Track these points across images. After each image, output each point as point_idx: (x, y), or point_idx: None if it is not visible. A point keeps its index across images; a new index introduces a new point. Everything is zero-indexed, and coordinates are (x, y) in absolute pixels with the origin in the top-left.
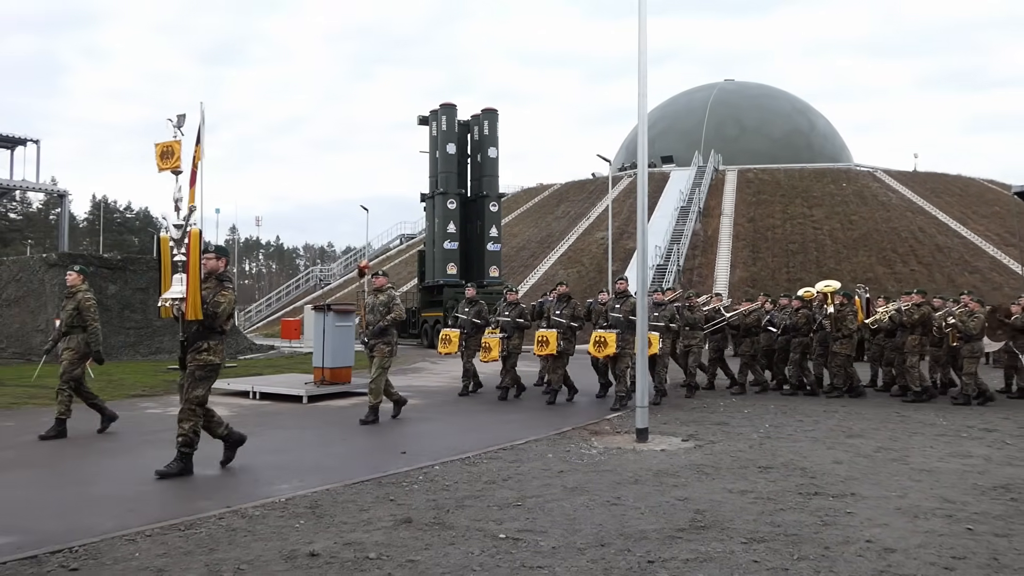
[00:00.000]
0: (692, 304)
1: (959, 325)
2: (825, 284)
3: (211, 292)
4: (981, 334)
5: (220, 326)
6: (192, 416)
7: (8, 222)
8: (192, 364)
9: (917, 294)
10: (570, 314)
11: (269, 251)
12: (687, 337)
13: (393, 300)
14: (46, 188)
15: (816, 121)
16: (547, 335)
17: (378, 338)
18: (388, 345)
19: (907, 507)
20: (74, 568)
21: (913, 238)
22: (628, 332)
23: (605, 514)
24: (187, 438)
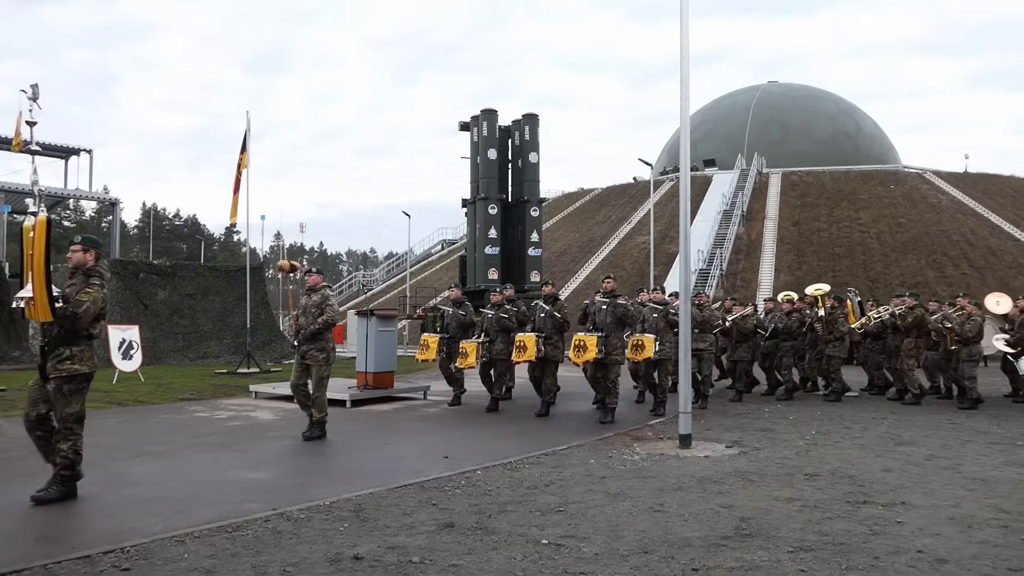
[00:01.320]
0: (701, 303)
1: (956, 328)
2: (816, 287)
3: (75, 289)
4: (979, 337)
5: (85, 329)
6: (71, 435)
7: (62, 230)
8: (55, 375)
9: (910, 297)
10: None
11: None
12: (695, 340)
13: (327, 300)
14: (98, 196)
15: (862, 122)
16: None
17: (310, 344)
18: (323, 352)
19: (960, 517)
20: (126, 568)
21: (964, 241)
22: (615, 335)
23: (648, 521)
24: (67, 460)
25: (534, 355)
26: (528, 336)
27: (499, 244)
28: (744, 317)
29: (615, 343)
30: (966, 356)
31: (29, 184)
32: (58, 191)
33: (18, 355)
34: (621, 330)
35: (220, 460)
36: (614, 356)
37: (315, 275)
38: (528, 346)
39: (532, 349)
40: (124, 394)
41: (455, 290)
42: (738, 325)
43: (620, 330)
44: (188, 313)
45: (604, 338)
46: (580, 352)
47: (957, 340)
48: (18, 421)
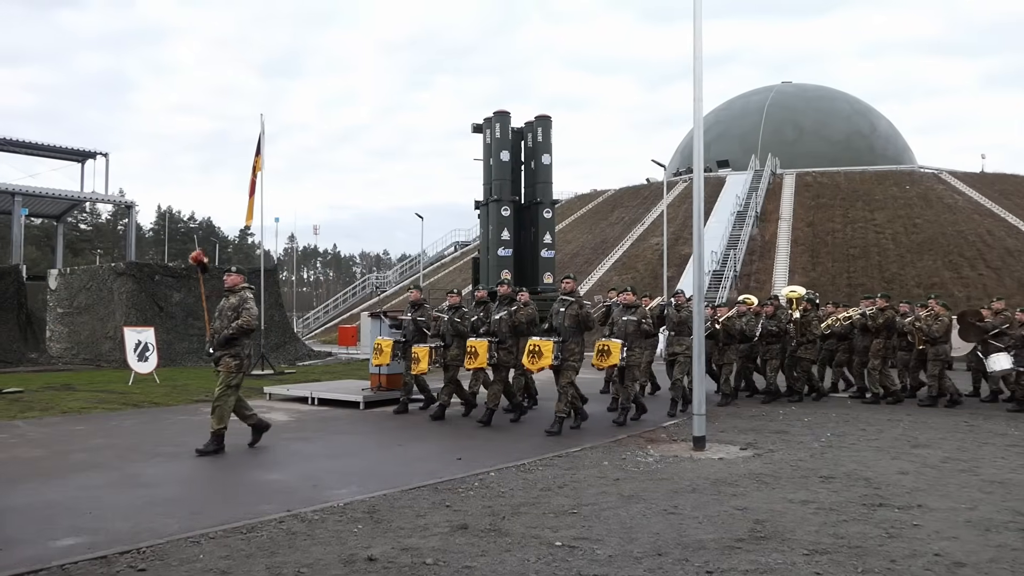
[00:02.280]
0: (679, 303)
1: (924, 328)
2: (790, 289)
3: None
4: (946, 337)
5: None
6: None
7: (79, 233)
8: None
9: (881, 298)
10: (511, 320)
11: (326, 259)
12: (673, 344)
13: (244, 303)
14: (114, 200)
15: (877, 123)
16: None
17: (223, 349)
18: (235, 358)
19: (977, 520)
20: (142, 568)
21: (981, 241)
22: (573, 340)
23: (662, 523)
24: None
25: (486, 361)
26: (479, 342)
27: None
28: (731, 319)
29: (573, 348)
30: (933, 356)
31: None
32: (74, 194)
33: (35, 357)
34: (580, 334)
35: (234, 461)
36: (570, 362)
37: (234, 275)
38: (612, 351)
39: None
40: (140, 395)
41: (414, 291)
42: (726, 327)
43: (579, 334)
44: (203, 315)
45: (561, 343)
46: (535, 358)
47: (925, 340)
48: (36, 422)
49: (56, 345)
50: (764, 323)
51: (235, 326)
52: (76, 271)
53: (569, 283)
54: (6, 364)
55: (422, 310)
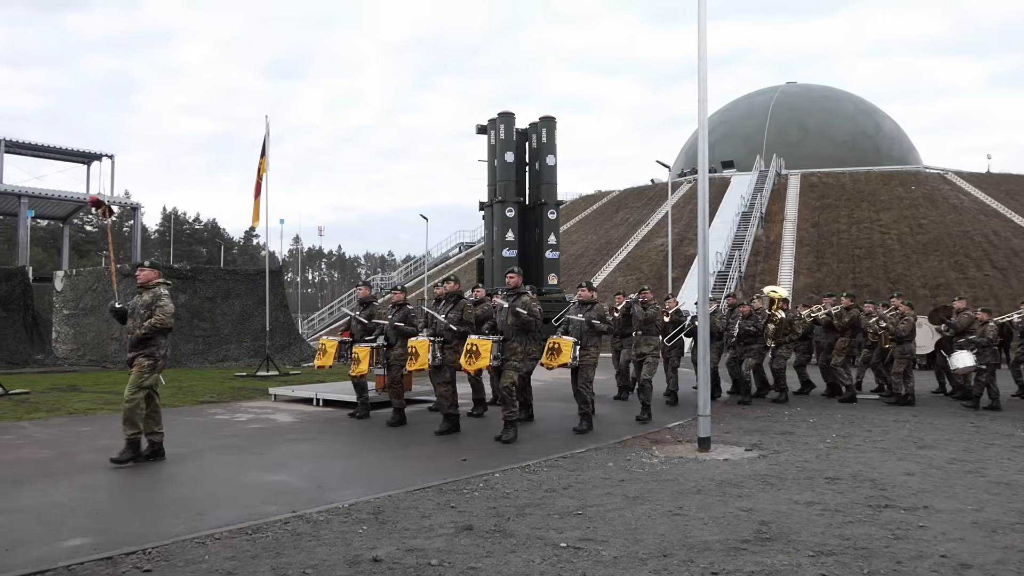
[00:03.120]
0: (645, 300)
1: (890, 327)
2: (771, 289)
3: None
4: (912, 336)
5: None
6: None
7: (84, 234)
8: None
9: (846, 297)
10: (458, 317)
11: (331, 260)
12: (640, 344)
13: (158, 300)
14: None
15: (882, 123)
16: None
17: (136, 350)
18: (150, 358)
19: (984, 521)
20: (147, 569)
21: (987, 242)
22: (516, 339)
23: (667, 524)
24: None
25: (427, 363)
26: (420, 342)
27: (516, 247)
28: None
29: (515, 347)
30: (899, 354)
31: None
32: (80, 196)
33: (42, 358)
34: (525, 333)
35: (240, 462)
36: (512, 362)
37: (147, 270)
38: (563, 349)
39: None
40: None
41: (363, 288)
42: None
43: (523, 333)
44: (208, 316)
45: (501, 342)
46: (472, 359)
47: (891, 339)
48: (42, 423)
49: (62, 346)
50: (741, 323)
51: (147, 325)
52: (82, 273)
53: (513, 278)
54: (12, 365)
55: (369, 308)
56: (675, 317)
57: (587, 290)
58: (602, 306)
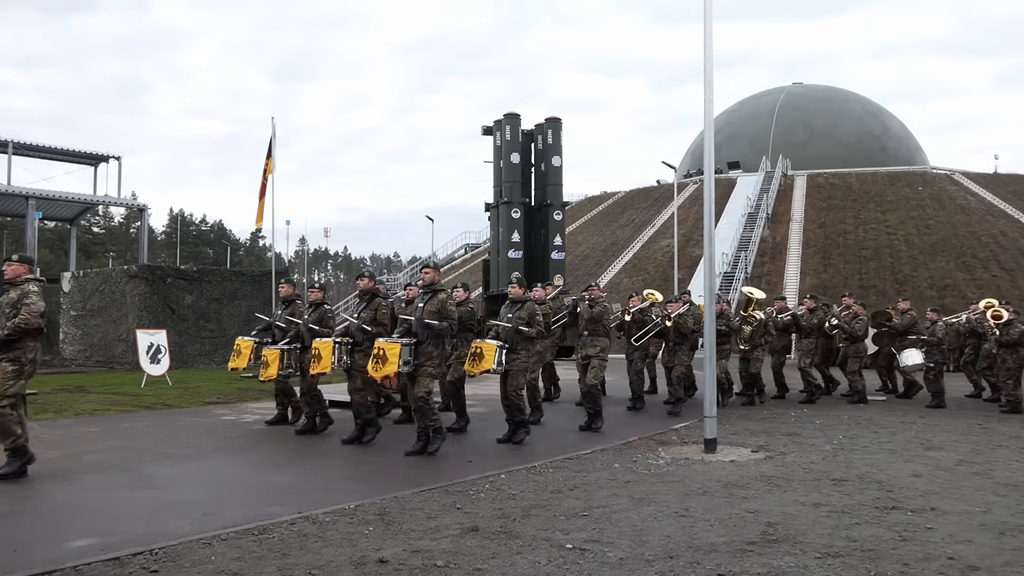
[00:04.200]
0: (593, 296)
1: (845, 327)
2: (749, 290)
3: None
4: (865, 335)
5: None
6: None
7: (92, 236)
8: None
9: (810, 299)
10: (370, 317)
11: (337, 261)
12: (586, 345)
13: (25, 298)
14: (127, 203)
15: (889, 123)
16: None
17: (2, 353)
18: (14, 363)
19: (992, 523)
20: (154, 570)
21: (995, 243)
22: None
23: (673, 525)
24: None
25: (329, 367)
26: (323, 343)
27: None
28: (683, 316)
29: (430, 352)
30: (853, 353)
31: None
32: (88, 197)
33: (49, 359)
34: (440, 337)
35: (246, 463)
36: (427, 367)
37: (15, 264)
38: (485, 354)
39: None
40: (152, 398)
41: (285, 287)
42: (677, 324)
43: (438, 336)
44: (215, 317)
45: (413, 346)
46: (379, 364)
47: (845, 338)
48: (50, 424)
49: (69, 347)
50: None
51: (11, 325)
52: (89, 274)
53: (428, 273)
54: None
55: (291, 307)
56: (639, 316)
57: (517, 287)
58: (533, 306)
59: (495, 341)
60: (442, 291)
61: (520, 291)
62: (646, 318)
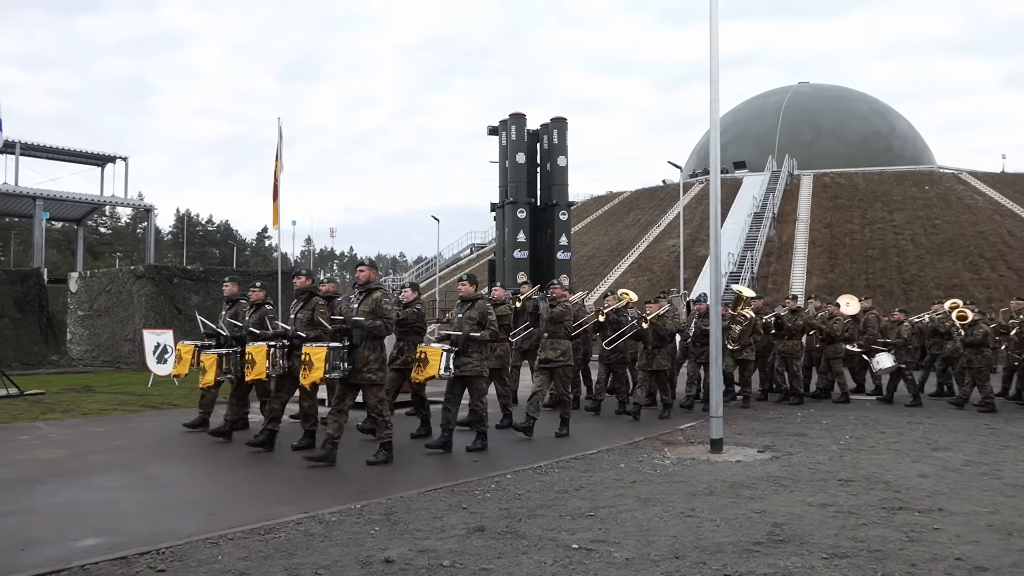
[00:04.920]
0: (556, 296)
1: (823, 328)
2: (739, 289)
3: None
4: (842, 336)
5: None
6: None
7: (99, 236)
8: None
9: (791, 299)
10: (307, 318)
11: (343, 262)
12: (547, 348)
13: None
14: (133, 203)
15: (896, 123)
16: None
17: None
18: None
19: (1000, 524)
20: (161, 569)
21: (1002, 242)
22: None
23: (679, 526)
24: None
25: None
26: (257, 347)
27: (528, 248)
28: (661, 318)
29: (367, 356)
30: (831, 353)
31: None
32: (94, 198)
33: (56, 359)
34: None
35: (252, 463)
36: (365, 374)
37: None
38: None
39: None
40: (159, 397)
41: (229, 285)
42: (655, 326)
43: (374, 339)
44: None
45: (347, 350)
46: (306, 370)
47: (822, 339)
48: (57, 423)
49: (76, 347)
50: (697, 322)
51: None
52: (96, 274)
53: (364, 272)
54: (28, 366)
55: (235, 308)
56: (614, 317)
57: (468, 284)
58: (484, 305)
59: (440, 344)
60: (378, 289)
61: (471, 289)
62: (621, 319)
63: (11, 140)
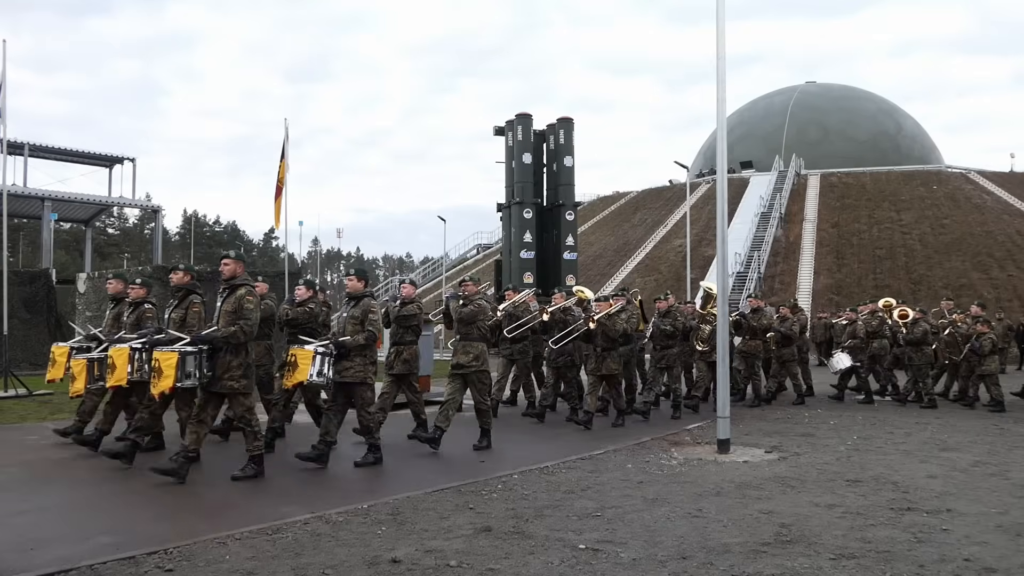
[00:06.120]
0: (468, 293)
1: (782, 331)
2: (708, 285)
3: None
4: (801, 335)
5: None
6: None
7: (107, 237)
8: None
9: (752, 299)
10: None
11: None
12: (457, 352)
13: None
14: (141, 204)
15: (903, 122)
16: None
17: None
18: None
19: (1009, 524)
20: (169, 569)
21: (1011, 242)
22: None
23: (686, 526)
24: None
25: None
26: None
27: (534, 248)
28: (611, 317)
29: (229, 361)
30: (789, 356)
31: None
32: (103, 199)
33: None
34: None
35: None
36: (226, 382)
37: None
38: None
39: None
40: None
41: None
42: (604, 327)
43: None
44: None
45: (207, 355)
46: (155, 378)
47: (778, 342)
48: (64, 424)
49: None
50: (656, 321)
51: None
52: (104, 275)
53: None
54: (37, 367)
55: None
56: (560, 316)
57: (355, 279)
58: (369, 303)
59: (313, 346)
60: (243, 286)
61: (359, 285)
62: (568, 319)
63: (20, 141)
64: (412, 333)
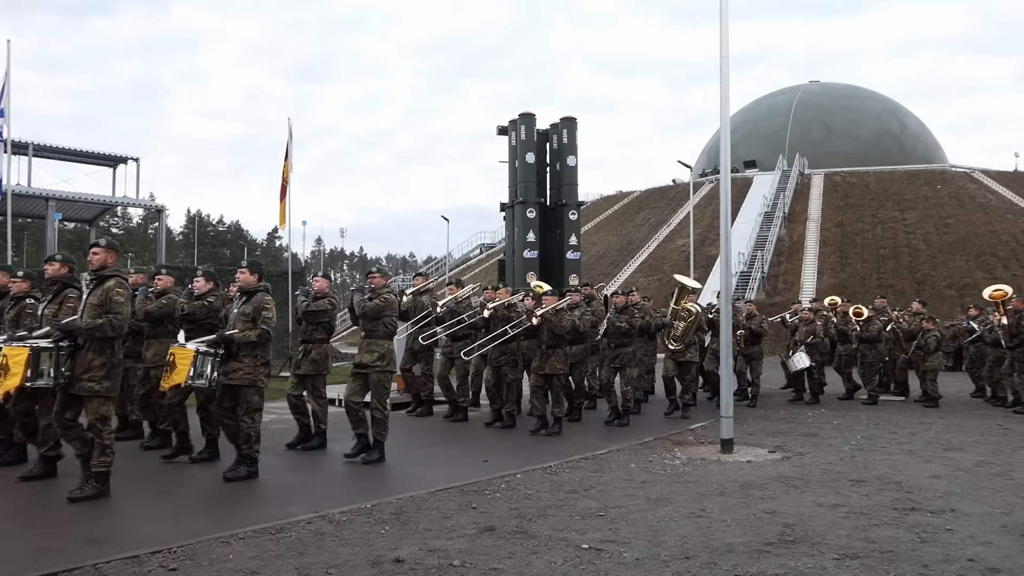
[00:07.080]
0: (375, 286)
1: (753, 328)
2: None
3: None
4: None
5: None
6: None
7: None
8: None
9: None
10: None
11: (353, 262)
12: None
13: None
14: (145, 204)
15: (907, 121)
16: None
17: None
18: None
19: (1013, 525)
20: (173, 568)
21: (1015, 241)
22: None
23: (690, 526)
24: None
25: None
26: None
27: (538, 248)
28: (558, 313)
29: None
30: (756, 354)
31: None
32: (106, 199)
33: None
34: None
35: (262, 462)
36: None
37: None
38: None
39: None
40: None
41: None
42: (549, 323)
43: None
44: None
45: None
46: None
47: (747, 339)
48: None
49: None
50: (611, 318)
51: None
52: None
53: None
54: None
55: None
56: (503, 312)
57: (247, 272)
58: (263, 298)
59: (195, 346)
60: (113, 277)
61: (252, 279)
62: (512, 315)
63: (24, 141)
64: (323, 330)
